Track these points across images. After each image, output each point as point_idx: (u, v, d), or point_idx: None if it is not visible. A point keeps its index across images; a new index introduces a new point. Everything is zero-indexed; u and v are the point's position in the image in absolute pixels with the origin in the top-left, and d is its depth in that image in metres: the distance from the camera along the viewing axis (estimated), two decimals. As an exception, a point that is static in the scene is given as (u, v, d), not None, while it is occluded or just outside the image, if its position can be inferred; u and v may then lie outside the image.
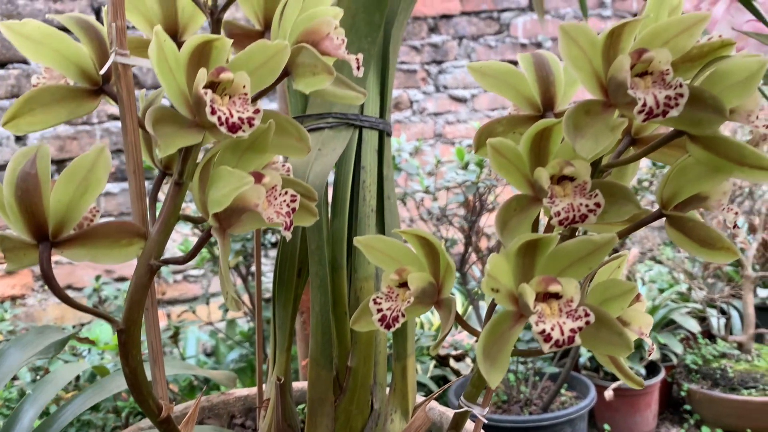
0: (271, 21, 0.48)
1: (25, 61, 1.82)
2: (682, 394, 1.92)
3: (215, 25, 0.45)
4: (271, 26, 0.46)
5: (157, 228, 0.43)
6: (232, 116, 0.36)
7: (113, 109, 1.95)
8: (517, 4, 2.60)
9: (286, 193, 0.40)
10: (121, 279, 1.90)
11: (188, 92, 0.39)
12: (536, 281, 0.37)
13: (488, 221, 2.00)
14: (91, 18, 0.44)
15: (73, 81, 0.44)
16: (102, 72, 0.42)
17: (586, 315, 0.36)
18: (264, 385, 0.64)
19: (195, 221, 0.48)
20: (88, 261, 0.43)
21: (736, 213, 0.40)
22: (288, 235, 0.39)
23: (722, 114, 0.36)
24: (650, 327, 0.44)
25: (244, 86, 0.38)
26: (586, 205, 0.39)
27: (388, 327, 0.42)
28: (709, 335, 2.10)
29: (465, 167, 1.71)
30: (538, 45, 2.65)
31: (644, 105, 0.35)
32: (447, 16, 2.50)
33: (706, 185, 0.40)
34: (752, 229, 2.25)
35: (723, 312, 2.15)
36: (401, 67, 2.43)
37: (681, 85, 0.35)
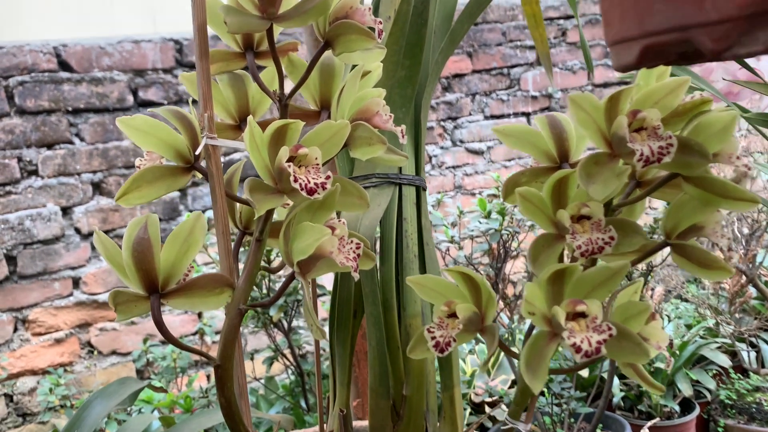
0: (324, 103, 0.58)
1: (70, 142, 1.96)
2: (720, 430, 1.92)
3: (283, 109, 0.54)
4: (330, 107, 0.55)
5: (243, 278, 0.52)
6: (309, 182, 0.45)
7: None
8: (525, 60, 2.73)
9: (351, 241, 0.48)
10: (165, 342, 1.98)
11: (270, 165, 0.48)
12: (566, 303, 0.45)
13: (513, 268, 2.06)
14: (184, 110, 0.54)
15: (170, 161, 0.54)
16: (196, 153, 0.52)
17: (609, 329, 0.44)
18: (325, 423, 0.71)
19: (271, 271, 0.56)
20: (188, 308, 0.51)
21: (729, 239, 0.48)
22: (356, 276, 0.48)
23: (707, 157, 0.44)
24: (667, 342, 0.51)
25: (316, 158, 0.47)
26: (602, 239, 0.47)
27: (441, 351, 0.50)
28: (741, 370, 2.11)
29: (488, 216, 1.79)
30: (549, 96, 2.77)
31: (642, 154, 0.43)
32: (459, 75, 2.63)
33: (701, 216, 0.48)
34: (775, 262, 2.28)
35: (753, 345, 2.17)
36: (419, 125, 2.54)
37: (671, 137, 0.44)
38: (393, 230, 0.66)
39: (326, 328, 0.69)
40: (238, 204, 0.58)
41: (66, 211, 1.99)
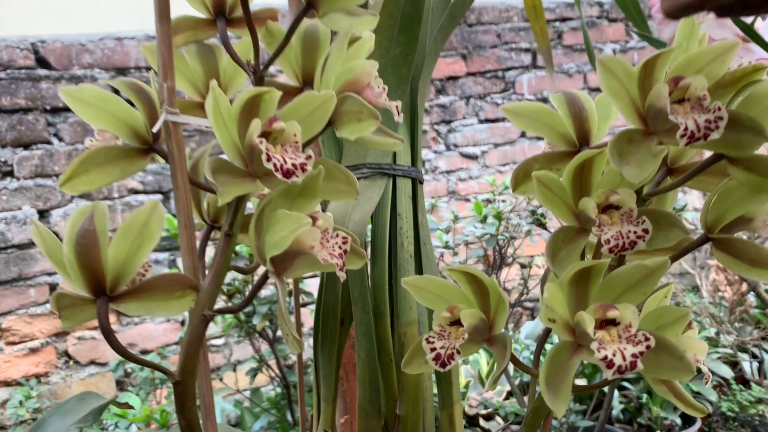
0: (307, 77, 0.50)
1: (48, 142, 1.87)
2: (722, 443, 1.85)
3: (258, 83, 0.47)
4: (313, 80, 0.48)
5: (209, 279, 0.44)
6: (286, 163, 0.38)
7: (133, 183, 1.99)
8: (520, 62, 2.66)
9: (337, 235, 0.41)
10: (145, 351, 1.89)
11: (240, 144, 0.40)
12: (594, 308, 0.37)
13: (509, 275, 1.99)
14: (142, 82, 0.46)
15: (125, 141, 0.46)
16: (154, 130, 0.44)
17: (647, 339, 0.36)
18: (307, 442, 0.63)
19: (244, 272, 0.49)
20: (143, 314, 0.43)
21: (784, 232, 0.41)
22: (342, 275, 0.40)
23: (762, 134, 0.37)
24: (705, 354, 0.44)
25: (294, 135, 0.39)
26: (635, 232, 0.39)
27: (443, 365, 0.42)
28: (742, 381, 2.05)
29: (483, 221, 1.72)
30: (544, 100, 2.70)
31: (686, 129, 0.36)
32: (453, 78, 2.57)
33: (750, 206, 0.40)
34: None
35: (755, 356, 2.10)
36: (412, 128, 2.48)
37: (719, 109, 0.36)
38: (386, 227, 0.58)
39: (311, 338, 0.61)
40: (206, 193, 0.50)
41: (43, 214, 1.90)
